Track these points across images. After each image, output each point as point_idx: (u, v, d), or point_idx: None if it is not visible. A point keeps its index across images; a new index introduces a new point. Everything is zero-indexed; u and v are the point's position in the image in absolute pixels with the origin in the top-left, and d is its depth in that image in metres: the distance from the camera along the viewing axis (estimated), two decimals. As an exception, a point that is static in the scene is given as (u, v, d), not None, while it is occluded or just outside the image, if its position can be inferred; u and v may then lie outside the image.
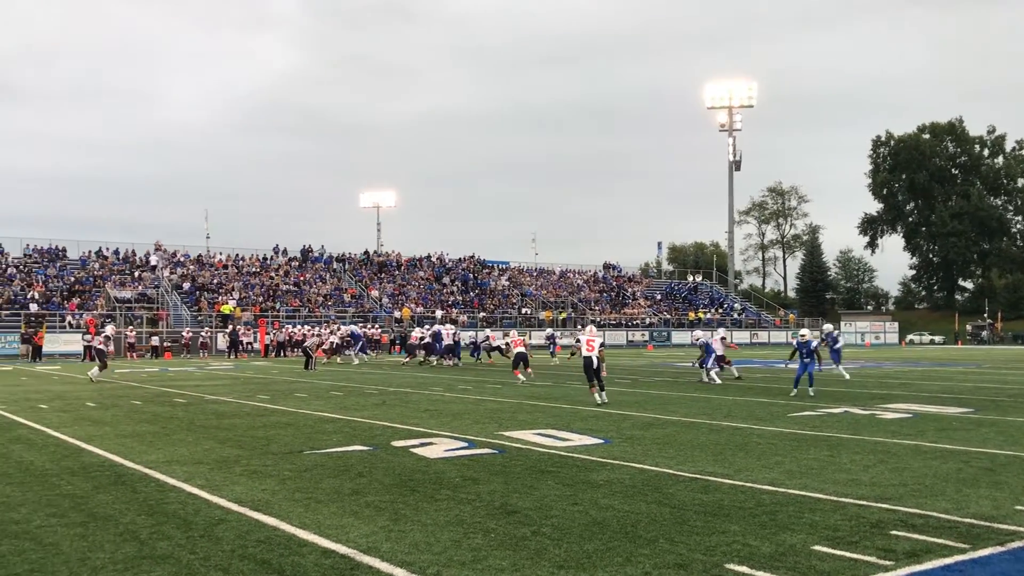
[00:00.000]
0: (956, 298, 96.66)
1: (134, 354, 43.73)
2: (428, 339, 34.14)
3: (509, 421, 13.21)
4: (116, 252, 57.98)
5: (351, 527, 6.29)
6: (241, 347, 45.28)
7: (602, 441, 10.87)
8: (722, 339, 23.20)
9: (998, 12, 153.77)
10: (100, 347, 25.13)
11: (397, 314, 56.38)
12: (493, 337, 35.01)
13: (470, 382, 22.69)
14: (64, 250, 56.54)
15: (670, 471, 8.65)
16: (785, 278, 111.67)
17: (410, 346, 34.82)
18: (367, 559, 5.45)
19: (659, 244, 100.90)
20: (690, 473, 8.53)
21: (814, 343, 17.49)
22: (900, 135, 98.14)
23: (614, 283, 75.79)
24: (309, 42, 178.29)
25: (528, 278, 72.02)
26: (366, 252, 68.97)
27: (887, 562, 5.39)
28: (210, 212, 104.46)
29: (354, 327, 40.50)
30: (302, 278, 60.44)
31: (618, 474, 8.49)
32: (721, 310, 73.22)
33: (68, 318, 46.92)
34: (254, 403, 16.58)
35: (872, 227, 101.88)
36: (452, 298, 63.10)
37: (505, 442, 10.79)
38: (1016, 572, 5.25)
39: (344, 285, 61.50)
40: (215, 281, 56.27)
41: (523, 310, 63.54)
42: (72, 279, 52.78)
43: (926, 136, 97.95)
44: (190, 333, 46.31)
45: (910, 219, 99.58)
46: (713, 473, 8.52)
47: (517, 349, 27.24)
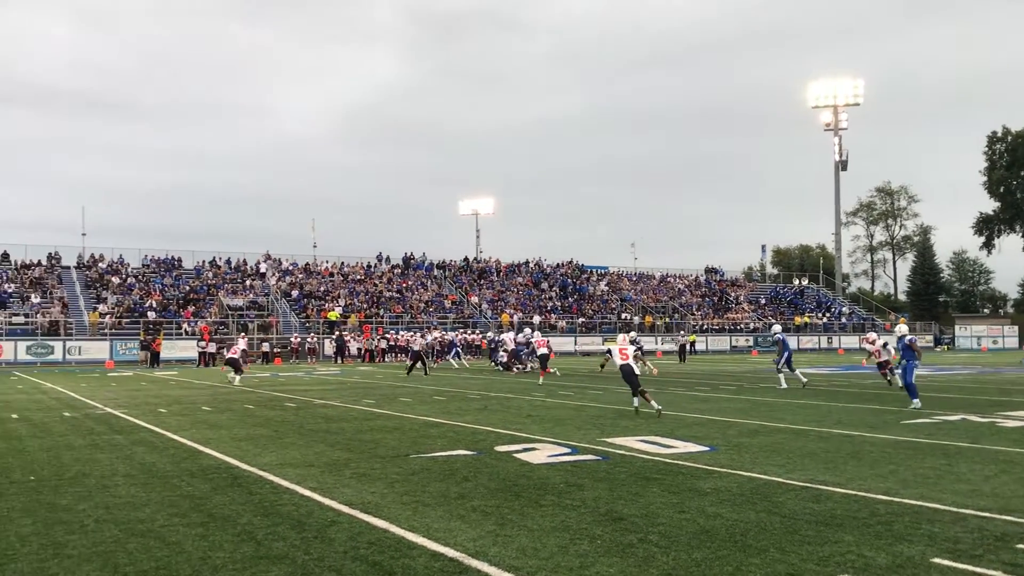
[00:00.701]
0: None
1: (248, 362, 45.26)
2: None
3: (612, 427, 13.15)
4: (228, 261, 60.13)
5: (458, 531, 6.38)
6: (348, 352, 46.47)
7: (707, 448, 10.71)
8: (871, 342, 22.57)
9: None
10: (234, 356, 27.22)
11: (497, 320, 56.77)
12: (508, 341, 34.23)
13: (571, 388, 22.67)
14: (180, 260, 58.96)
15: (779, 479, 8.47)
16: (895, 281, 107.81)
17: (515, 352, 34.86)
18: (475, 563, 5.51)
19: (763, 247, 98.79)
20: (800, 481, 8.33)
21: (907, 339, 16.54)
22: (1018, 130, 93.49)
23: (716, 287, 74.58)
24: (410, 53, 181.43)
25: (627, 283, 71.52)
26: (466, 259, 69.70)
27: (1014, 578, 5.16)
28: (316, 221, 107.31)
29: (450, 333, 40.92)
30: (404, 285, 61.50)
31: (725, 482, 8.35)
32: (828, 314, 71.22)
33: (184, 325, 48.86)
34: (360, 407, 16.95)
35: (988, 227, 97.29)
36: (551, 304, 63.19)
37: (608, 448, 10.75)
38: None
39: (445, 292, 62.29)
40: (322, 288, 57.76)
41: (622, 315, 63.11)
42: (187, 288, 54.96)
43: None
44: (298, 339, 47.63)
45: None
46: (824, 482, 8.30)
47: (541, 350, 27.60)
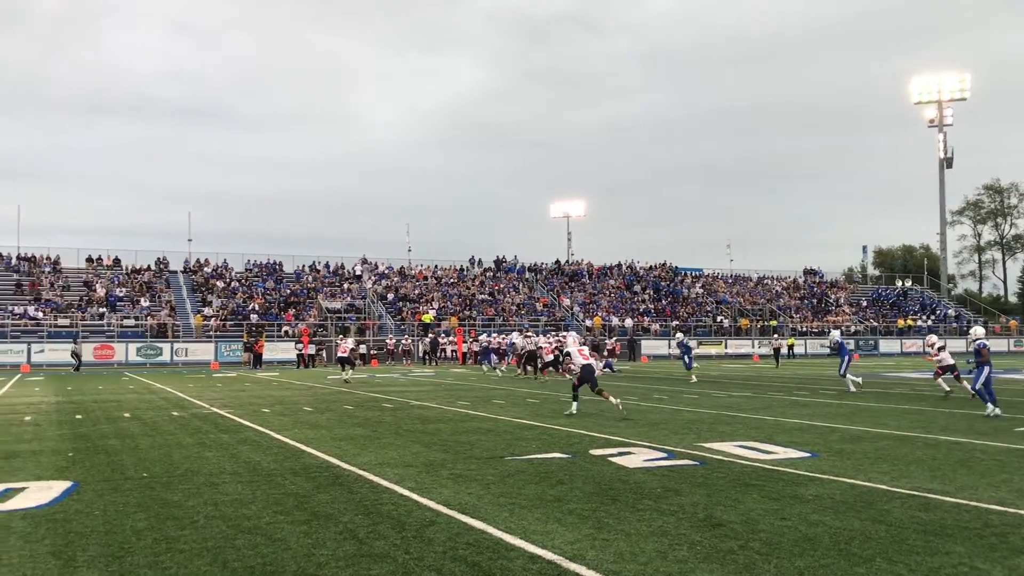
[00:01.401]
0: None
1: (348, 364, 46.21)
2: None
3: (708, 432, 12.96)
4: (327, 265, 61.56)
5: (556, 533, 6.39)
6: (444, 355, 47.13)
7: (808, 455, 10.46)
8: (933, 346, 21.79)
9: None
10: (344, 354, 29.79)
11: (588, 323, 56.60)
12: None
13: (665, 392, 22.44)
14: (280, 264, 60.65)
15: (884, 487, 8.21)
16: (1005, 282, 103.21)
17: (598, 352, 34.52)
18: (573, 566, 5.51)
19: (864, 248, 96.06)
20: (906, 489, 8.06)
21: (978, 344, 15.75)
22: None
23: (815, 289, 72.77)
24: (496, 58, 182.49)
25: (723, 285, 70.39)
26: (557, 261, 69.71)
27: None
28: (411, 226, 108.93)
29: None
30: (496, 288, 61.87)
31: (828, 489, 8.14)
32: (933, 316, 68.68)
33: (285, 328, 50.22)
34: (456, 409, 17.13)
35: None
36: (643, 306, 62.67)
37: (705, 453, 10.60)
38: None
39: (536, 294, 62.43)
40: (416, 291, 58.60)
41: (718, 318, 62.14)
42: (288, 291, 56.48)
43: None
44: (394, 341, 48.42)
45: None
46: (931, 490, 8.02)
47: (549, 357, 27.86)
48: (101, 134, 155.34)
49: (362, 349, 48.04)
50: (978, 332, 16.83)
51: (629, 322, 57.42)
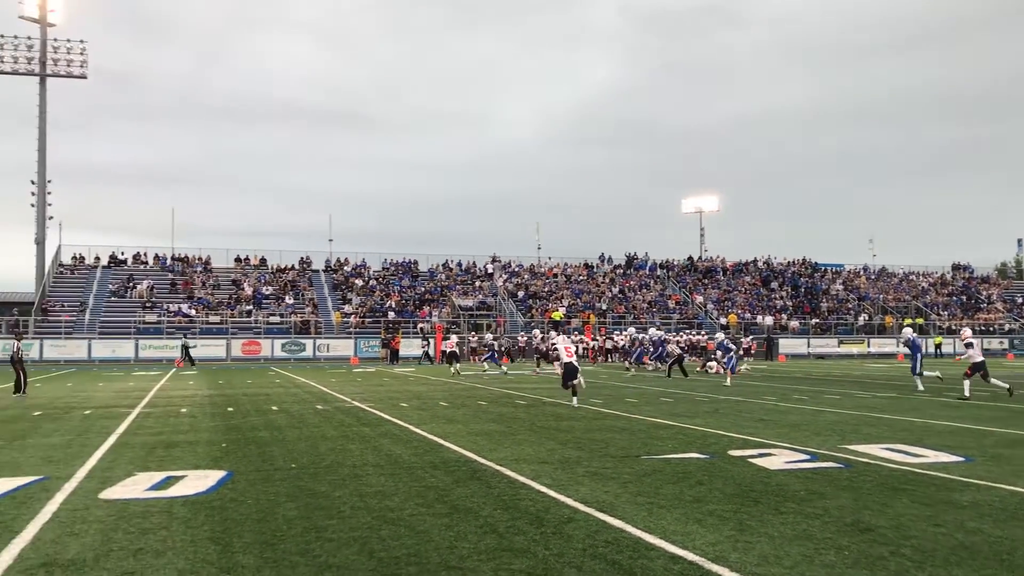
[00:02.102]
0: None
1: (476, 358, 46.88)
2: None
3: (852, 434, 12.50)
4: (459, 264, 62.63)
5: (696, 534, 6.30)
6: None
7: (962, 459, 9.95)
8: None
9: None
10: (453, 349, 31.83)
11: (723, 320, 55.50)
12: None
13: (804, 392, 21.77)
14: (416, 263, 62.11)
15: (1049, 496, 7.72)
16: None
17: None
18: (716, 568, 5.42)
19: (1019, 241, 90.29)
20: (1075, 499, 7.56)
21: None
22: None
23: (966, 285, 69.04)
24: (628, 54, 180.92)
25: (865, 281, 67.68)
26: (690, 258, 68.66)
27: None
28: (540, 223, 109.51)
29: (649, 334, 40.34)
30: (627, 285, 61.45)
31: (985, 495, 7.72)
32: (1099, 314, 64.08)
33: (420, 325, 51.36)
34: (588, 407, 17.10)
35: None
36: (781, 303, 60.96)
37: (850, 456, 10.23)
38: None
39: (668, 292, 61.64)
40: (546, 289, 58.85)
41: (860, 315, 59.79)
42: (423, 289, 57.75)
43: None
44: (525, 338, 48.76)
45: None
46: (1104, 501, 7.48)
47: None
48: (249, 139, 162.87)
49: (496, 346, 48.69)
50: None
51: (766, 320, 55.98)
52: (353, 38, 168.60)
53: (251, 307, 52.31)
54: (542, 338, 37.64)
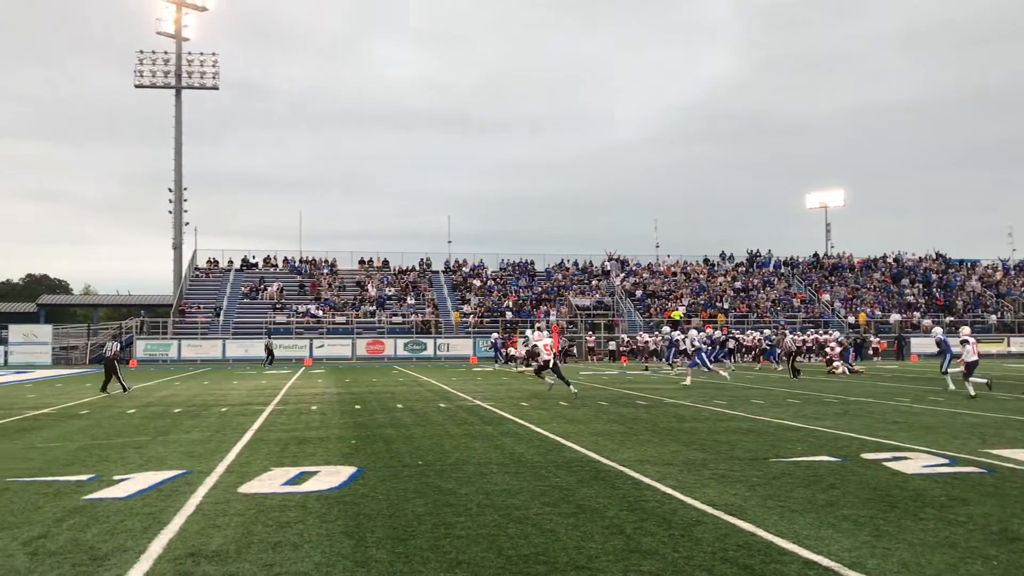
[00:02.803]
0: None
1: (594, 357, 46.80)
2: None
3: (994, 438, 11.87)
4: (575, 263, 62.57)
5: (831, 539, 6.10)
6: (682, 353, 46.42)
7: (1120, 466, 9.32)
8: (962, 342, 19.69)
9: None
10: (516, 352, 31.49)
11: (851, 319, 53.63)
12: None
13: (939, 392, 20.81)
14: (533, 263, 62.42)
15: None
16: None
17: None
18: (853, 574, 5.24)
19: None
20: None
21: None
22: None
23: (1117, 280, 64.65)
24: (744, 47, 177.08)
25: (1004, 276, 64.19)
26: (815, 255, 66.61)
27: None
28: (658, 221, 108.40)
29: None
30: (749, 283, 60.10)
31: None
32: None
33: (538, 324, 51.56)
34: (712, 408, 16.83)
35: None
36: (912, 300, 58.46)
37: (994, 461, 9.72)
38: None
39: (793, 290, 59.97)
40: (665, 288, 58.17)
41: (998, 312, 56.72)
42: (539, 289, 57.97)
43: None
44: (644, 338, 48.32)
45: None
46: None
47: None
48: (370, 144, 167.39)
49: (611, 346, 48.45)
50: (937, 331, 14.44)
51: (896, 318, 53.83)
52: (469, 41, 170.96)
53: (374, 308, 53.62)
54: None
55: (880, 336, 50.36)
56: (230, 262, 59.91)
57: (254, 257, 60.39)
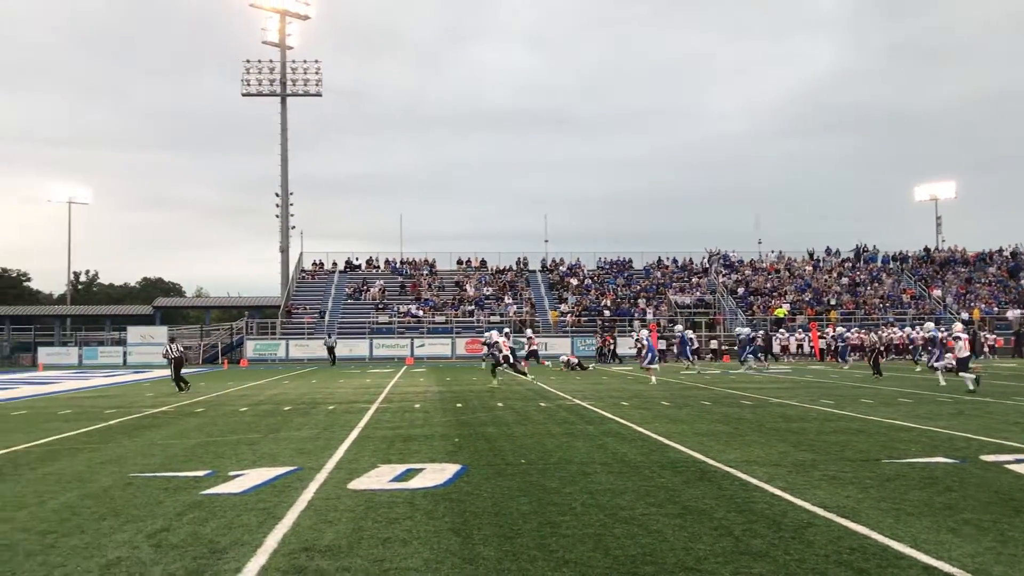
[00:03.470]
0: None
1: (695, 357, 46.13)
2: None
3: None
4: (675, 261, 61.82)
5: (951, 545, 5.88)
6: (800, 351, 45.42)
7: None
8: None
9: None
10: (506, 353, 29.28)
11: (964, 315, 51.46)
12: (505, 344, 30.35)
13: (1066, 392, 19.78)
14: (631, 261, 61.97)
15: None
16: None
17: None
18: (977, 582, 5.05)
19: None
20: None
21: None
22: None
23: None
24: (844, 36, 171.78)
25: None
26: (925, 249, 64.13)
27: None
28: (760, 217, 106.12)
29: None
30: (856, 279, 58.32)
31: None
32: None
33: (635, 323, 51.13)
34: (819, 407, 16.40)
35: None
36: (1033, 296, 55.67)
37: None
38: None
39: (903, 286, 57.91)
40: (767, 285, 56.94)
41: None
42: (638, 287, 57.50)
43: None
44: (743, 337, 47.37)
45: None
46: None
47: (532, 347, 33.38)
48: (467, 146, 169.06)
49: (713, 344, 47.69)
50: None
51: (1014, 313, 51.39)
52: (559, 40, 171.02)
53: (473, 307, 54.12)
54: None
55: (996, 333, 48.18)
56: (334, 264, 61.40)
57: (357, 259, 61.73)
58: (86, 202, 79.98)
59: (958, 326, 21.96)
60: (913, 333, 38.96)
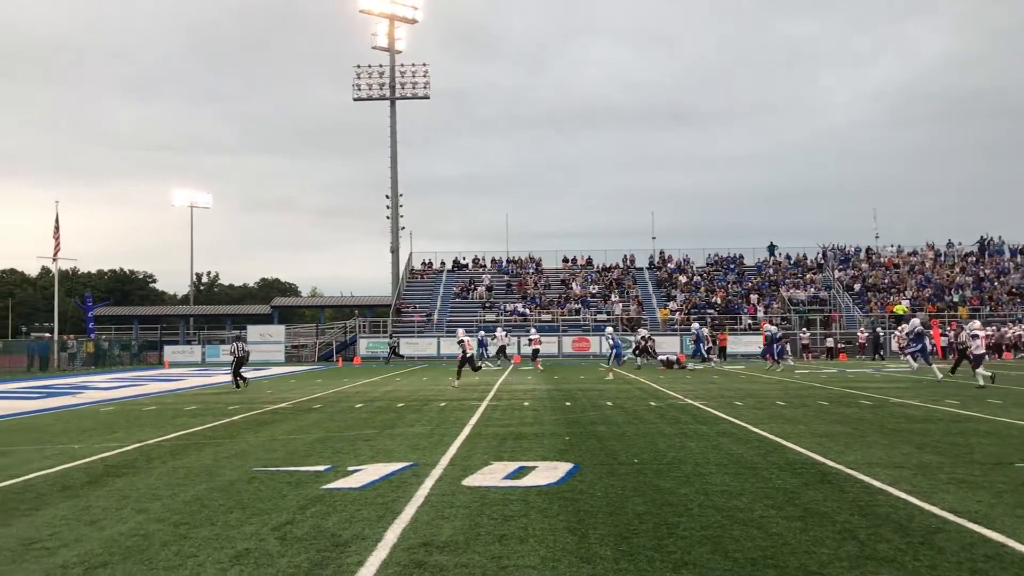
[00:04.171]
0: None
1: (809, 355, 44.94)
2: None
3: None
4: (788, 256, 60.31)
5: (1097, 555, 5.56)
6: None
7: None
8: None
9: None
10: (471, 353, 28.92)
11: (1104, 311, 48.49)
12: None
13: None
14: (741, 257, 60.75)
15: None
16: None
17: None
18: None
19: None
20: None
21: None
22: None
23: None
24: (963, 22, 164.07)
25: None
26: (1058, 241, 60.70)
27: None
28: (877, 210, 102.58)
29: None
30: (981, 273, 55.70)
31: None
32: None
33: (747, 321, 50.15)
34: (944, 408, 15.74)
35: None
36: None
37: None
38: None
39: (1033, 279, 54.98)
40: (886, 280, 54.98)
41: None
42: (749, 284, 56.32)
43: None
44: (864, 334, 45.86)
45: None
46: None
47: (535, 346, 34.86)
48: (571, 144, 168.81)
49: (829, 343, 46.32)
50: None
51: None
52: (666, 35, 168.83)
53: (579, 305, 54.04)
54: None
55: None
56: (442, 263, 62.30)
57: (464, 258, 62.48)
58: (207, 206, 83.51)
59: (976, 324, 22.59)
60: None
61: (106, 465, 10.18)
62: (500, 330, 42.98)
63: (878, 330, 45.63)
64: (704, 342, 36.92)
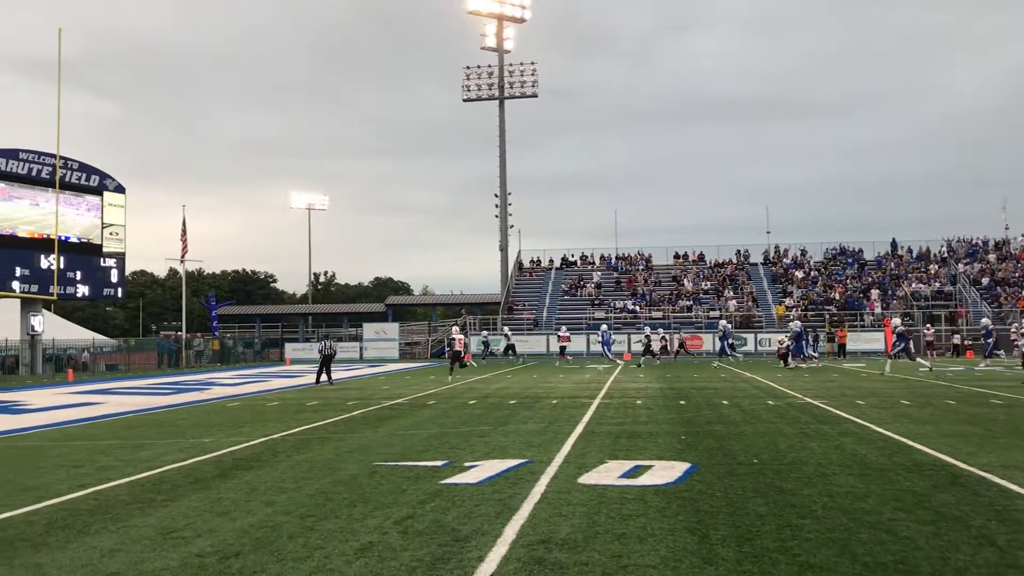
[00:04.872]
0: None
1: (933, 352, 43.13)
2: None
3: None
4: (910, 250, 58.04)
5: None
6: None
7: None
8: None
9: None
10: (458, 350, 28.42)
11: None
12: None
13: None
14: (861, 251, 58.79)
15: None
16: None
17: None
18: None
19: None
20: None
21: None
22: None
23: None
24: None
25: None
26: None
27: None
28: (1007, 200, 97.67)
29: None
30: (1125, 266, 52.35)
31: None
32: None
33: (867, 317, 48.49)
34: (1086, 409, 14.86)
35: None
36: None
37: None
38: None
39: None
40: (1017, 274, 52.26)
41: None
42: (869, 279, 54.43)
43: None
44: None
45: None
46: None
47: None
48: (682, 139, 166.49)
49: (955, 340, 44.35)
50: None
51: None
52: (781, 23, 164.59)
53: (691, 302, 53.26)
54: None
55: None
56: (551, 261, 62.40)
57: (573, 256, 62.39)
58: (324, 208, 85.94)
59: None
60: None
61: (234, 459, 10.61)
62: (507, 328, 43.53)
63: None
64: (729, 337, 35.83)
